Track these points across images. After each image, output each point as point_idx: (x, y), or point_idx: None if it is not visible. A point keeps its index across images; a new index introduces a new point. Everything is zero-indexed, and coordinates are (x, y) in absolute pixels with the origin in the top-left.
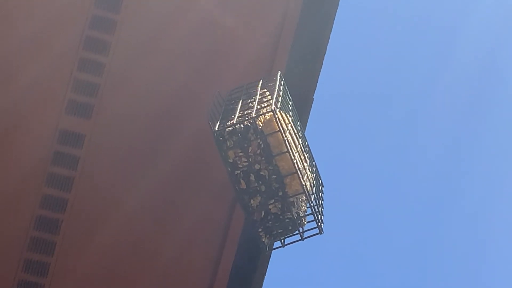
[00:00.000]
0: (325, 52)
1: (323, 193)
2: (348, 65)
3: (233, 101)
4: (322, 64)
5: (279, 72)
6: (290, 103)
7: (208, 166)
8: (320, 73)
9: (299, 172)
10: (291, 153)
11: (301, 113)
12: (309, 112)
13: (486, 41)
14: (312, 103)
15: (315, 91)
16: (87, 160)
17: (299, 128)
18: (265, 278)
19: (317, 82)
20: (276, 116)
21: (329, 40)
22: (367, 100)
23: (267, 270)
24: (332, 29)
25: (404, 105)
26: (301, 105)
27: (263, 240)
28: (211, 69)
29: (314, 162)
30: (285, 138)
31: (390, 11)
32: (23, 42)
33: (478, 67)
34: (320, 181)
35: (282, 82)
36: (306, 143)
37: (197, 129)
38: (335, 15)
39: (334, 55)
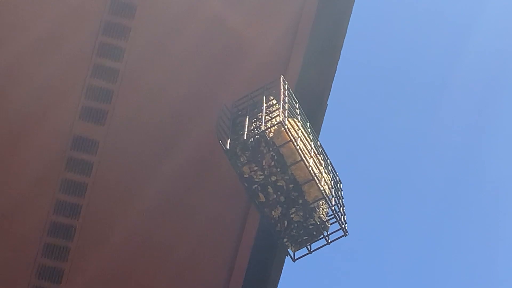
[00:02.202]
0: (339, 57)
1: (342, 190)
2: (362, 69)
3: (240, 112)
4: (336, 69)
5: (282, 76)
6: (297, 105)
7: (221, 169)
8: (334, 77)
9: (316, 178)
10: (305, 161)
11: (315, 118)
12: (323, 117)
13: (499, 39)
14: (326, 108)
15: (329, 96)
16: (101, 166)
17: (309, 130)
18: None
19: (331, 87)
20: (285, 126)
21: (344, 44)
22: (381, 102)
23: (281, 274)
24: (347, 33)
25: (419, 105)
26: (315, 110)
27: (290, 249)
28: (225, 73)
29: (329, 161)
30: (298, 147)
31: (404, 13)
32: (37, 48)
33: (492, 65)
34: (338, 178)
35: (286, 87)
36: (319, 143)
37: (210, 131)
38: (349, 18)
39: (348, 59)
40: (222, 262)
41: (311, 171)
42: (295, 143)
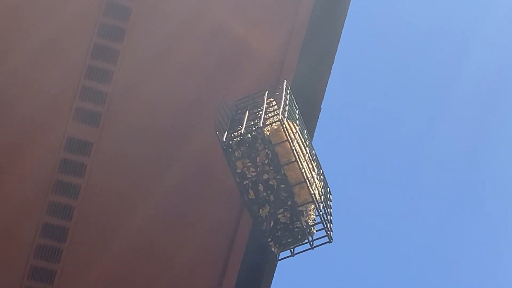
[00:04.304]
0: (333, 62)
1: (331, 201)
2: (356, 74)
3: (239, 111)
4: (330, 74)
5: (285, 81)
6: (297, 111)
7: (216, 174)
8: (328, 82)
9: (307, 181)
10: (299, 162)
11: (309, 123)
12: (317, 121)
13: (501, 46)
14: (319, 112)
15: (323, 101)
16: (94, 168)
17: (306, 136)
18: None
19: (324, 91)
20: (284, 125)
21: (337, 49)
22: (375, 109)
23: (273, 279)
24: (341, 39)
25: (412, 112)
26: (308, 114)
27: (273, 249)
28: (220, 78)
29: (321, 171)
30: (293, 148)
31: (399, 19)
32: (32, 50)
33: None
34: (328, 189)
35: (289, 91)
36: (314, 151)
37: (206, 137)
38: (343, 24)
39: (342, 65)
40: (215, 267)
41: (304, 174)
42: (291, 143)
